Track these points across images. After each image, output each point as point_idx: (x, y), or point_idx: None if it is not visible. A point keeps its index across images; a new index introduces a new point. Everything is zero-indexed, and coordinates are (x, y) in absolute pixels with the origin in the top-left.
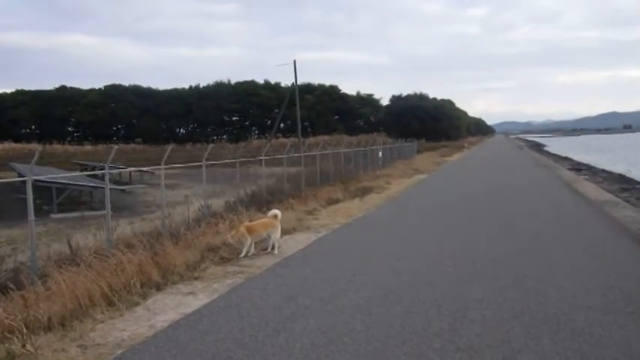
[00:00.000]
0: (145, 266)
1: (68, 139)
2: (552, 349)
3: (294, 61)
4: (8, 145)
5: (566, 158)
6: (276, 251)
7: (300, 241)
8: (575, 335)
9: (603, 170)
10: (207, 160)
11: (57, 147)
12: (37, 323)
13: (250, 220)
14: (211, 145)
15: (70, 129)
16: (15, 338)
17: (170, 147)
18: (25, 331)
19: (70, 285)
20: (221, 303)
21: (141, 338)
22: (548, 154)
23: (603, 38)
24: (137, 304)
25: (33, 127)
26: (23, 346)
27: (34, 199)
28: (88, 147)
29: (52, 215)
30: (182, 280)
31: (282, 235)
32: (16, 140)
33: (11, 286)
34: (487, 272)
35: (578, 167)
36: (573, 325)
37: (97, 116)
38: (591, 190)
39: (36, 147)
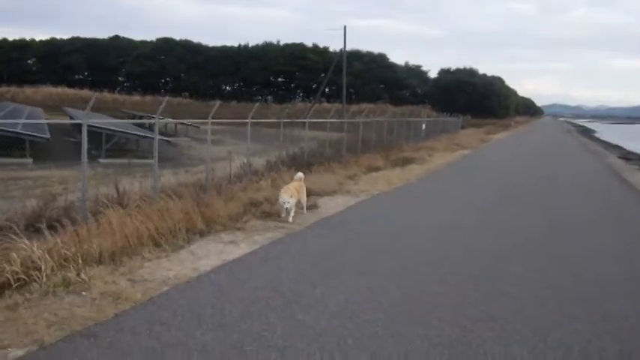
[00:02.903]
0: (191, 214)
1: (118, 88)
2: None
3: (344, 27)
4: (62, 90)
5: (616, 146)
6: (304, 211)
7: (339, 203)
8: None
9: None
10: (252, 118)
11: (107, 95)
12: (89, 257)
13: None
14: (257, 104)
15: (120, 79)
16: (71, 267)
17: (217, 103)
18: (80, 261)
19: (120, 224)
20: (261, 254)
21: (185, 279)
22: (598, 140)
23: None
24: (182, 247)
25: (86, 73)
26: (78, 274)
27: None
28: (136, 97)
29: (100, 160)
30: (225, 230)
31: (323, 196)
32: (70, 86)
33: (65, 220)
34: (527, 251)
35: (628, 156)
36: (609, 307)
37: (146, 68)
38: None
39: (89, 94)
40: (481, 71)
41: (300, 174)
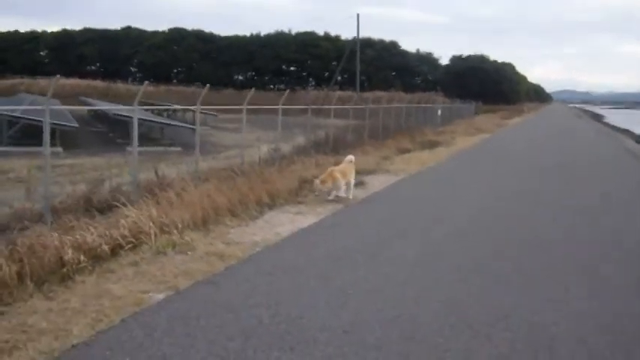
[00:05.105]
0: (255, 189)
1: (130, 78)
2: None
3: (357, 15)
4: (74, 81)
5: (626, 130)
6: (350, 196)
7: (382, 181)
8: None
9: None
10: (272, 106)
11: (120, 86)
12: (179, 225)
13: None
14: (287, 92)
15: (132, 69)
16: (173, 231)
17: (252, 91)
18: (179, 226)
19: (199, 197)
20: (328, 222)
21: (272, 242)
22: (607, 125)
23: None
24: (257, 217)
25: (98, 64)
26: (181, 236)
27: (107, 133)
28: (149, 88)
29: (128, 148)
30: (288, 203)
31: (366, 174)
32: (82, 77)
33: (121, 199)
34: (548, 230)
35: (638, 139)
36: None
37: (159, 58)
38: None
39: (101, 84)
40: (491, 58)
41: (350, 156)
